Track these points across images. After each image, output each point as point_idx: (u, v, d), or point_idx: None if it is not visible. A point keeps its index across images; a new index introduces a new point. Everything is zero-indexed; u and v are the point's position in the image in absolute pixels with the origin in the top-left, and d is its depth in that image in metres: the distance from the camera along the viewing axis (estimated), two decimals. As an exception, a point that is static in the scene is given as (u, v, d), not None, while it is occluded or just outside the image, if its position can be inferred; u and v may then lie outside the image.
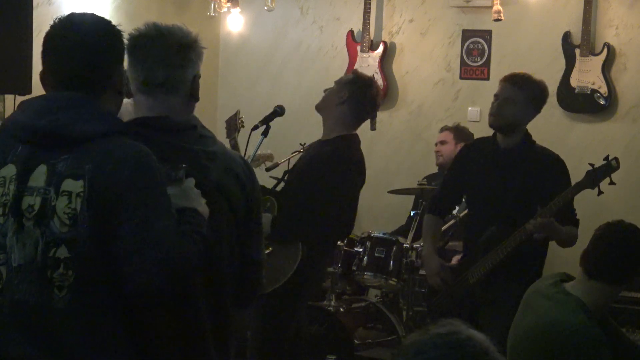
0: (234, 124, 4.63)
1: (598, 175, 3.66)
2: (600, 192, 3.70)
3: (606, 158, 3.68)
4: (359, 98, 3.95)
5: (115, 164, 1.97)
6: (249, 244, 2.36)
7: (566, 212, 3.76)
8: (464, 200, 4.29)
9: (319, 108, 4.04)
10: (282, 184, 4.19)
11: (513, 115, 3.85)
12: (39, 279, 1.95)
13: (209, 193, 2.20)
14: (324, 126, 4.02)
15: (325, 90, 4.04)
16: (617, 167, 3.67)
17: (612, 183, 3.67)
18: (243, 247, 2.33)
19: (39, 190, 1.97)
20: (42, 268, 1.95)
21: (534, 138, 3.98)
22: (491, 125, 3.91)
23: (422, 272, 4.75)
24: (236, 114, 4.48)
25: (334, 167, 3.87)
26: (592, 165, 3.68)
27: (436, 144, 5.75)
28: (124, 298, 1.98)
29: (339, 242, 4.97)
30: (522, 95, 3.85)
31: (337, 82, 4.03)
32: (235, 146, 4.21)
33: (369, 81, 4.05)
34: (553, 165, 3.90)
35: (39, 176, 1.98)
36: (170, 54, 2.25)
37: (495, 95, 3.90)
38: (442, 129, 5.77)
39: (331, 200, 3.85)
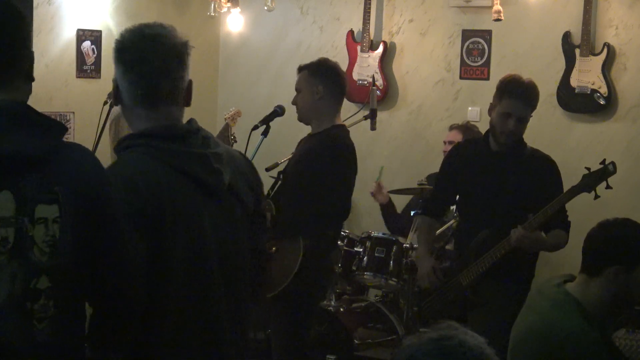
0: (226, 139, 4.64)
1: (594, 179, 3.64)
2: (596, 196, 3.67)
3: (602, 162, 3.66)
4: (333, 88, 3.96)
5: (83, 180, 1.89)
6: (257, 238, 2.42)
7: (557, 215, 3.73)
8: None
9: (302, 119, 4.05)
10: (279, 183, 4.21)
11: (523, 130, 3.84)
12: (18, 313, 1.79)
13: (223, 195, 2.25)
14: (312, 125, 4.05)
15: (293, 103, 4.01)
16: (614, 172, 3.64)
17: (608, 187, 3.65)
18: (252, 241, 2.38)
19: (9, 220, 1.79)
20: (22, 302, 1.80)
21: (533, 138, 3.96)
22: (506, 144, 3.82)
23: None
24: (227, 128, 4.47)
25: (325, 155, 3.91)
26: (588, 169, 3.67)
27: (445, 143, 5.58)
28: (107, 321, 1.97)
29: (339, 242, 4.97)
30: (531, 110, 3.83)
31: (304, 81, 3.97)
32: None
33: (334, 67, 4.04)
34: (546, 167, 3.87)
35: (6, 204, 1.79)
36: (172, 65, 2.22)
37: (507, 114, 3.75)
38: (452, 127, 5.63)
39: (326, 187, 3.89)
